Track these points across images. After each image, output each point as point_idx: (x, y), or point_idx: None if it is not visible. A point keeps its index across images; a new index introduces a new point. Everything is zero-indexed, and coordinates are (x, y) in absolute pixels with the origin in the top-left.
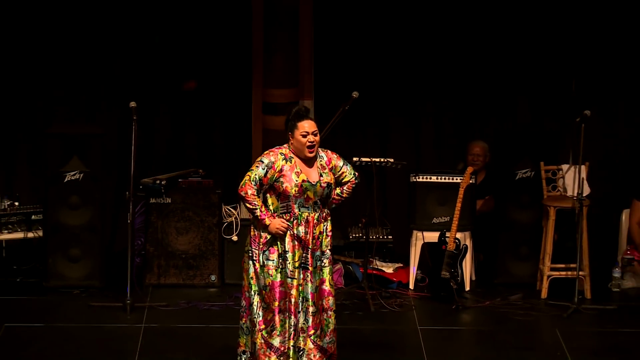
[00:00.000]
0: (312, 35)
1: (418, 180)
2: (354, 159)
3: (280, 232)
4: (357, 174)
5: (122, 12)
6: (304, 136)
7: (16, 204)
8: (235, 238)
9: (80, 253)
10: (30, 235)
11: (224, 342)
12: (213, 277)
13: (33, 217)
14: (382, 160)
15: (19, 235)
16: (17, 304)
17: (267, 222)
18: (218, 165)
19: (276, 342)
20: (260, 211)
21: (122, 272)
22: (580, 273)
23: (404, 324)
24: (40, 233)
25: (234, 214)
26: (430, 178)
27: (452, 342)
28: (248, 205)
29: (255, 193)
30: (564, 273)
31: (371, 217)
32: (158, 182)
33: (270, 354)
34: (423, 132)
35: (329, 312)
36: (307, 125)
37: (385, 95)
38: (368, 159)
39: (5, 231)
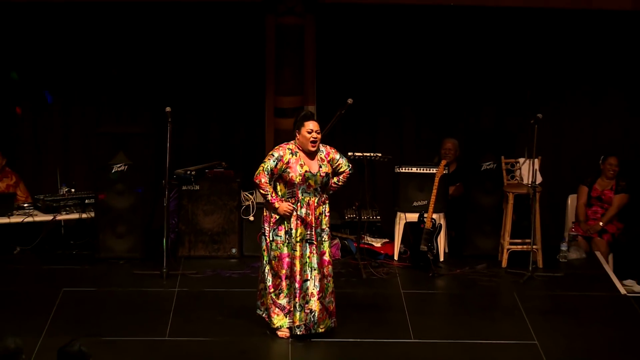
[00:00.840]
0: (315, 53)
1: (401, 170)
2: (349, 153)
3: (287, 213)
4: (350, 165)
5: (161, 36)
6: (309, 133)
7: (72, 190)
8: (251, 218)
9: (125, 230)
10: (84, 215)
11: (242, 303)
12: (234, 250)
13: (86, 201)
14: (371, 154)
15: (75, 215)
16: (73, 272)
17: (277, 205)
18: (237, 159)
19: (283, 302)
20: (271, 196)
21: (159, 246)
22: (534, 247)
23: (389, 288)
24: (92, 214)
25: (250, 199)
26: (411, 169)
27: (429, 303)
28: (261, 191)
29: (267, 181)
30: (520, 247)
31: (363, 201)
32: (189, 172)
33: (278, 312)
34: (405, 132)
35: (328, 278)
36: (311, 125)
37: (374, 101)
38: (360, 154)
39: (64, 212)
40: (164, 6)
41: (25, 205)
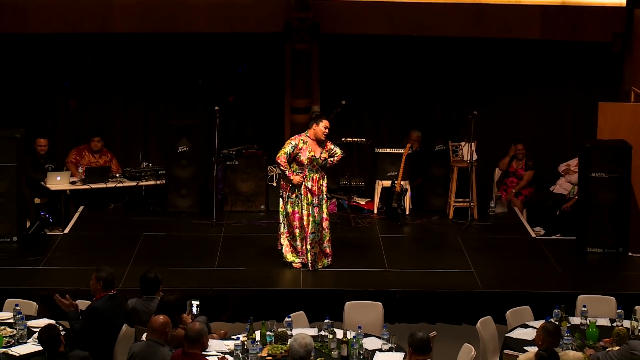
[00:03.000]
0: (319, 69)
1: (379, 151)
2: (342, 138)
3: (299, 183)
4: (342, 151)
5: (214, 58)
6: (325, 128)
7: (150, 164)
8: (274, 184)
9: (187, 192)
10: (158, 182)
11: (268, 243)
12: (262, 207)
13: (160, 172)
14: (358, 139)
15: (152, 182)
16: (151, 222)
17: (292, 177)
18: (265, 143)
19: (294, 244)
20: (288, 171)
21: (210, 203)
22: (471, 204)
23: (371, 233)
24: (164, 181)
25: (274, 171)
26: (386, 150)
27: (398, 243)
28: (281, 167)
29: (285, 161)
30: (462, 204)
31: (352, 172)
32: (231, 152)
33: (291, 250)
34: (382, 123)
35: (326, 230)
36: (326, 123)
37: (361, 102)
38: (350, 139)
39: (144, 180)
40: (216, 36)
41: (117, 175)
